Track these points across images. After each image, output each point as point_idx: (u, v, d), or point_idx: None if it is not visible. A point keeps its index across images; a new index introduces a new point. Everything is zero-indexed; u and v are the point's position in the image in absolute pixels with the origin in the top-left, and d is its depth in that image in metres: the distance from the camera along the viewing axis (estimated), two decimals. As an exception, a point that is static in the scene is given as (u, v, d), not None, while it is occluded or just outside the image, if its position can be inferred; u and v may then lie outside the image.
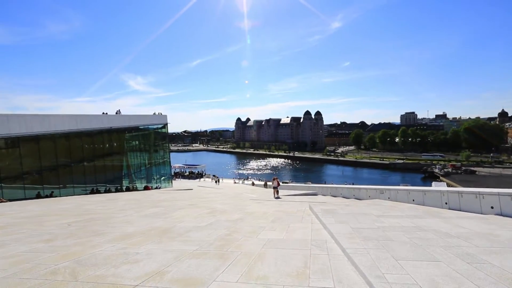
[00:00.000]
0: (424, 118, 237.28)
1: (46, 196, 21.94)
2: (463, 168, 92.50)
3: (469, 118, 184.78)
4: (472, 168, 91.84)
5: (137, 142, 43.60)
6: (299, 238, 6.11)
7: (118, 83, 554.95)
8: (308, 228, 7.26)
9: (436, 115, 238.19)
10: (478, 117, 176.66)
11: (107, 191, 30.31)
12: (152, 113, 49.09)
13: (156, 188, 40.74)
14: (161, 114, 48.73)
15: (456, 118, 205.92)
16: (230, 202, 15.97)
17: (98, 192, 29.54)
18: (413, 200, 12.47)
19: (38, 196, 21.85)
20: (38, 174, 22.70)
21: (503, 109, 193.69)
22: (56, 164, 24.40)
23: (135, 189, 36.66)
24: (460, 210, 9.61)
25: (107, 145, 34.33)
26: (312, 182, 72.59)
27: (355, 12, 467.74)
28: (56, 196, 22.21)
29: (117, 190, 33.13)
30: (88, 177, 29.03)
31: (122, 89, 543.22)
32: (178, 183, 55.87)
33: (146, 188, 37.75)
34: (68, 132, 25.15)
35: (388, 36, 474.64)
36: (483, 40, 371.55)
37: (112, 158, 35.07)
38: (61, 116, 24.73)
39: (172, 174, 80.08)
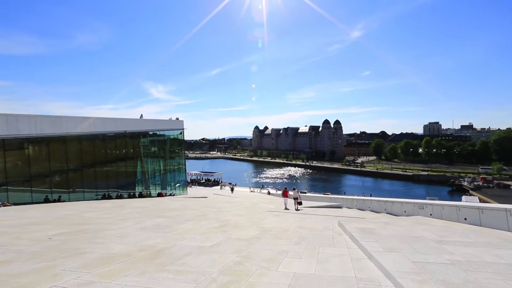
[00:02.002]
0: (449, 128, 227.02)
1: (54, 201, 21.04)
2: (495, 181, 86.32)
3: (499, 129, 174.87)
4: (506, 182, 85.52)
5: (152, 147, 42.85)
6: (338, 275, 4.30)
7: (140, 91, 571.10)
8: (345, 257, 5.43)
9: (462, 126, 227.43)
10: (509, 128, 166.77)
11: (119, 197, 29.32)
12: (168, 118, 48.37)
13: (170, 195, 39.63)
14: (178, 119, 47.90)
15: (484, 128, 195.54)
16: (245, 214, 14.24)
17: (109, 197, 28.60)
18: (465, 219, 10.29)
19: (46, 200, 20.98)
20: (47, 178, 21.87)
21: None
22: (66, 168, 23.59)
23: (149, 196, 35.66)
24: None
25: (121, 149, 33.59)
26: (332, 193, 69.68)
27: (375, 21, 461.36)
28: (64, 201, 21.27)
29: (129, 196, 32.18)
30: (99, 182, 28.15)
31: (143, 97, 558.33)
32: (194, 190, 54.75)
33: (159, 194, 36.67)
34: (80, 134, 24.39)
35: (409, 45, 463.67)
36: (510, 48, 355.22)
37: (126, 163, 34.26)
38: (74, 118, 24.04)
39: (188, 181, 79.85)
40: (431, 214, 12.22)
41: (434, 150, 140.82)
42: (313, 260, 5.20)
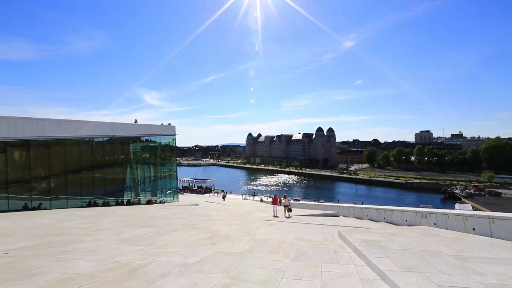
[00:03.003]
0: (440, 137, 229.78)
1: (34, 208, 19.73)
2: (487, 189, 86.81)
3: (488, 137, 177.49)
4: (498, 190, 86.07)
5: (142, 153, 41.57)
6: (350, 304, 3.45)
7: (133, 98, 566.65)
8: (354, 277, 4.58)
9: (452, 134, 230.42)
10: (499, 137, 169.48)
11: (106, 204, 28.01)
12: (160, 124, 47.21)
13: (160, 202, 38.33)
14: (169, 125, 46.77)
15: (474, 137, 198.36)
16: (237, 223, 13.29)
17: (95, 205, 27.29)
18: (474, 229, 9.55)
19: (25, 208, 19.67)
20: (27, 184, 20.55)
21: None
22: (48, 173, 22.28)
23: (138, 203, 34.36)
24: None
25: (109, 154, 32.34)
26: (325, 200, 68.94)
27: (367, 31, 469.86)
28: (44, 209, 19.98)
29: (117, 204, 30.84)
30: (85, 188, 26.82)
31: (137, 104, 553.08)
32: (185, 197, 53.40)
33: (149, 202, 35.38)
34: (64, 138, 23.18)
35: (401, 55, 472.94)
36: (499, 59, 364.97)
37: (114, 169, 32.96)
38: (57, 120, 22.80)
39: (180, 188, 78.41)
40: (435, 224, 11.47)
41: (426, 158, 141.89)
42: (316, 282, 4.33)
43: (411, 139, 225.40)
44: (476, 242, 7.35)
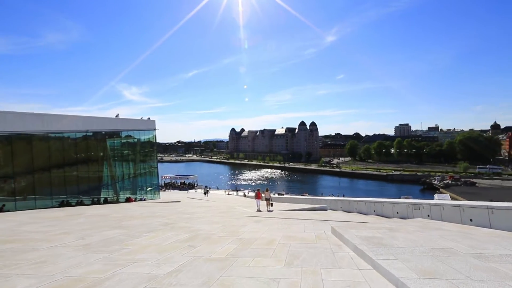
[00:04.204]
0: (417, 130, 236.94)
1: (-4, 210, 17.94)
2: (463, 179, 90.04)
3: (462, 130, 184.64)
4: (472, 180, 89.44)
5: (120, 149, 39.60)
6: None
7: (113, 93, 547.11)
8: (363, 286, 3.75)
9: (429, 127, 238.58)
10: (472, 129, 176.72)
11: (79, 203, 26.25)
12: (139, 118, 45.16)
13: (140, 200, 36.73)
14: (149, 119, 44.79)
15: (449, 129, 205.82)
16: (220, 221, 12.31)
17: (68, 205, 25.52)
18: (471, 221, 9.06)
19: (-14, 210, 17.85)
20: (-13, 183, 18.69)
21: (495, 122, 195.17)
22: (12, 172, 20.38)
23: (116, 201, 32.69)
24: None
25: (83, 150, 30.37)
26: (309, 194, 69.05)
27: (349, 26, 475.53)
28: (8, 210, 18.21)
29: (93, 203, 29.08)
30: (56, 187, 24.95)
31: (116, 99, 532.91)
32: (167, 194, 51.75)
33: (128, 200, 33.77)
34: (32, 133, 21.27)
35: (381, 50, 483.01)
36: (474, 54, 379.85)
37: (89, 166, 31.04)
38: (21, 114, 20.82)
39: (162, 184, 76.42)
40: (428, 216, 10.96)
41: (405, 151, 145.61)
42: (319, 296, 3.46)
43: (391, 132, 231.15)
44: (484, 235, 6.75)
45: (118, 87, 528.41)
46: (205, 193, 50.17)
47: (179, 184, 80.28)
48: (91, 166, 31.87)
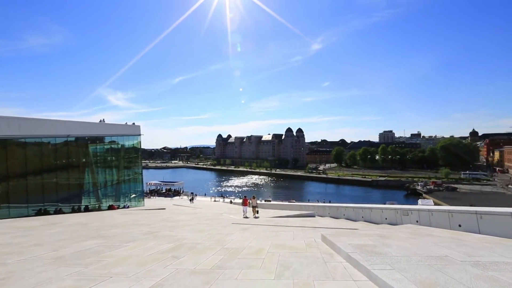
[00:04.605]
0: (401, 136, 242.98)
1: (-35, 220, 16.78)
2: (444, 185, 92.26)
3: (443, 137, 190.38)
4: (453, 185, 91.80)
5: (103, 155, 38.38)
6: None
7: (97, 98, 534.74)
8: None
9: (412, 134, 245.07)
10: (452, 136, 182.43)
11: (58, 211, 25.09)
12: (123, 123, 44.06)
13: (124, 207, 35.60)
14: (134, 124, 43.78)
15: (431, 136, 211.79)
16: (206, 229, 11.87)
17: (46, 213, 24.34)
18: (460, 226, 9.02)
19: (-46, 220, 16.66)
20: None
21: (473, 129, 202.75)
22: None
23: (98, 209, 31.51)
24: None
25: (64, 156, 29.19)
26: (296, 200, 68.99)
27: (334, 35, 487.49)
28: (-21, 220, 17.06)
29: (73, 211, 27.89)
30: (33, 195, 23.76)
31: (101, 105, 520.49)
32: (152, 201, 50.48)
33: (111, 207, 32.63)
34: (6, 137, 20.20)
35: (366, 59, 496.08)
36: (453, 65, 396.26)
37: (69, 172, 29.84)
38: (-4, 117, 19.81)
39: (147, 191, 74.71)
40: (417, 221, 10.90)
41: (389, 157, 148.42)
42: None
43: (375, 139, 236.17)
44: (476, 241, 6.65)
45: (103, 93, 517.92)
46: (190, 200, 49.17)
47: (164, 191, 78.69)
48: (72, 173, 30.68)
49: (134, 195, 41.30)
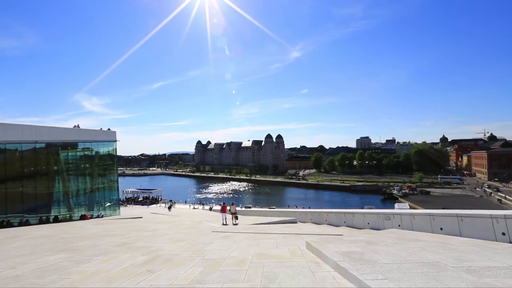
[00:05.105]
0: (377, 142, 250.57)
1: None
2: (419, 189, 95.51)
3: (416, 142, 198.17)
4: (427, 189, 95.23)
5: (76, 162, 36.43)
6: None
7: (71, 104, 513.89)
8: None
9: (387, 140, 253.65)
10: (425, 142, 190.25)
11: (23, 223, 23.37)
12: (99, 129, 42.22)
13: (98, 216, 33.83)
14: (109, 130, 42.04)
15: (405, 142, 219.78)
16: (185, 238, 11.27)
17: (9, 225, 22.60)
18: (441, 229, 9.04)
19: None
20: None
21: (444, 135, 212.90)
22: None
23: (69, 219, 29.76)
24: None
25: (31, 164, 27.42)
26: (276, 206, 68.81)
27: (312, 44, 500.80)
28: None
29: (41, 222, 26.13)
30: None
31: (75, 110, 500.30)
32: (129, 210, 48.51)
33: (83, 217, 30.93)
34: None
35: (343, 67, 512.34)
36: (425, 74, 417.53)
37: (37, 181, 28.04)
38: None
39: (123, 199, 71.96)
40: (399, 225, 10.88)
41: (366, 162, 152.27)
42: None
43: (353, 145, 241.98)
44: (462, 245, 6.58)
45: (78, 98, 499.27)
46: (169, 208, 47.66)
47: (142, 199, 76.18)
48: (41, 181, 28.87)
49: (109, 204, 39.44)
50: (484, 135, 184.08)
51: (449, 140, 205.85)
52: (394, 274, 4.12)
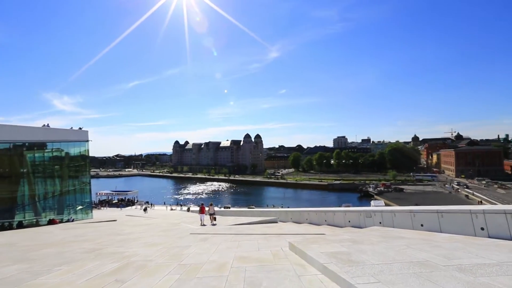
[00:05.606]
0: (353, 141, 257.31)
1: None
2: (393, 186, 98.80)
3: (390, 142, 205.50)
4: (400, 186, 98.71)
5: (43, 163, 34.23)
6: None
7: (40, 103, 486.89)
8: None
9: (362, 139, 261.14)
10: (398, 141, 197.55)
11: (-18, 230, 21.53)
12: (69, 128, 39.99)
13: (68, 221, 32.01)
14: (81, 129, 39.93)
15: (380, 141, 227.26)
16: (161, 242, 10.63)
17: (-34, 232, 20.68)
18: (422, 226, 9.05)
19: None
20: None
21: (415, 134, 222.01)
22: None
23: (36, 224, 27.89)
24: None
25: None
26: (255, 206, 68.65)
27: (290, 44, 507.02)
28: None
29: (3, 228, 24.26)
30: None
31: (44, 109, 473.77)
32: (102, 213, 46.46)
33: (51, 222, 29.08)
34: None
35: (320, 68, 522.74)
36: (397, 76, 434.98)
37: (-1, 183, 26.05)
38: None
39: (96, 202, 69.04)
40: (380, 223, 10.86)
41: (343, 161, 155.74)
42: None
43: (330, 144, 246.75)
44: (446, 241, 6.51)
45: (47, 96, 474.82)
46: (144, 210, 46.12)
47: (116, 201, 73.59)
48: (2, 184, 26.87)
49: (80, 207, 37.47)
50: (452, 134, 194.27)
51: (420, 139, 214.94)
52: (386, 276, 3.86)
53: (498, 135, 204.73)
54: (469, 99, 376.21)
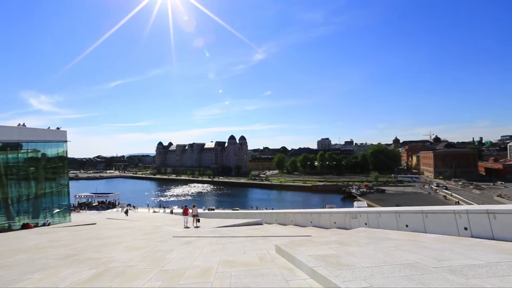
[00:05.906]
0: (336, 143, 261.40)
1: None
2: (375, 187, 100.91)
3: (372, 144, 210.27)
4: (382, 188, 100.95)
5: (17, 165, 32.62)
6: None
7: (15, 102, 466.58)
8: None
9: (345, 141, 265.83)
10: (380, 143, 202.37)
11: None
12: (46, 128, 38.35)
13: (44, 225, 30.58)
14: (59, 129, 38.36)
15: (362, 143, 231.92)
16: (142, 246, 10.21)
17: None
18: (407, 226, 9.10)
19: None
20: None
21: (396, 137, 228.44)
22: None
23: (8, 229, 26.53)
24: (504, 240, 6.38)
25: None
26: (240, 208, 68.31)
27: (275, 47, 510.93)
28: None
29: (-28, 233, 22.84)
30: None
31: (21, 108, 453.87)
32: (82, 216, 44.86)
33: (25, 226, 27.74)
34: None
35: (305, 70, 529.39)
36: (379, 79, 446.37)
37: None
38: None
39: (75, 205, 66.72)
40: (366, 224, 10.87)
41: (327, 163, 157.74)
42: None
43: (314, 146, 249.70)
44: (433, 242, 6.52)
45: (23, 95, 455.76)
46: (125, 212, 44.85)
47: (97, 204, 71.40)
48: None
49: (57, 210, 35.94)
50: (430, 137, 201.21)
51: (401, 141, 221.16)
52: (378, 279, 3.74)
53: (473, 138, 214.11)
54: (446, 103, 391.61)
